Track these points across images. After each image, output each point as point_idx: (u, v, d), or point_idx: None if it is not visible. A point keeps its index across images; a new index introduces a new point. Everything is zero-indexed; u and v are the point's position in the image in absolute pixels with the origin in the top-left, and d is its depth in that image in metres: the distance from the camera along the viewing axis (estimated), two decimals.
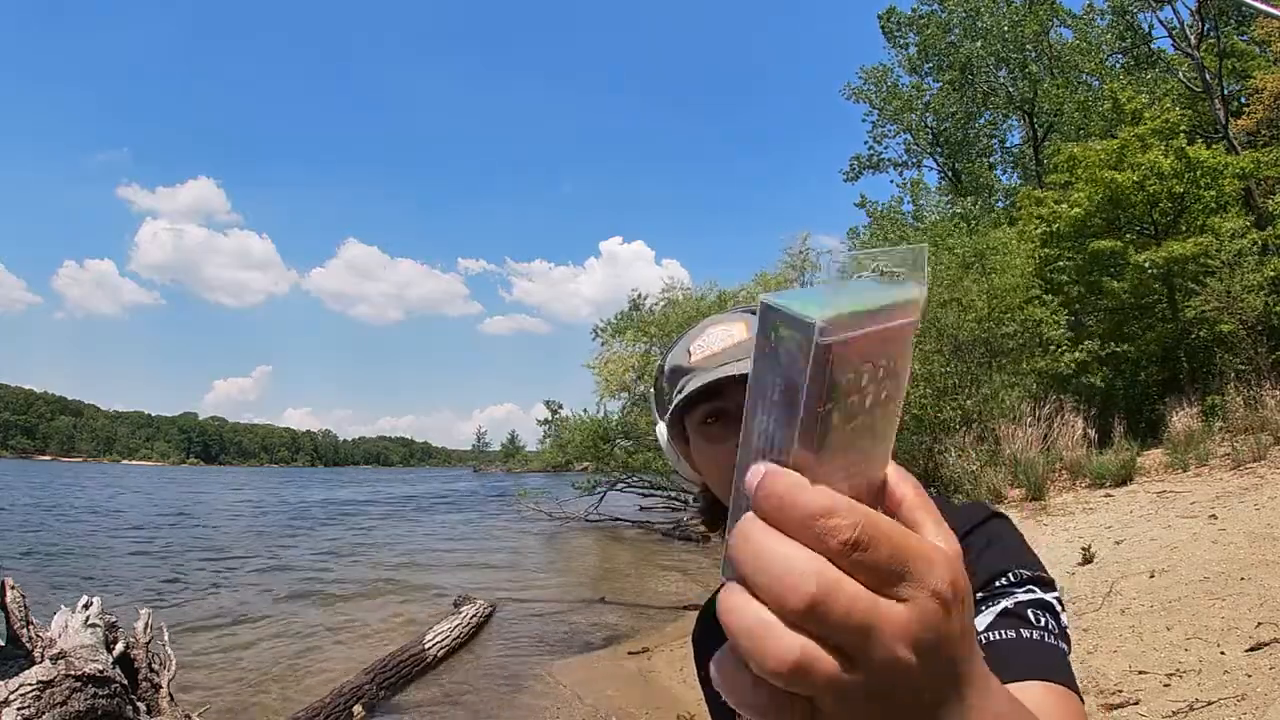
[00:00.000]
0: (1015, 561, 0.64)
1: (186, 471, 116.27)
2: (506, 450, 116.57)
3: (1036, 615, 0.60)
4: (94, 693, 3.16)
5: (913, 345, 0.27)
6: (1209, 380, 10.16)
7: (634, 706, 4.79)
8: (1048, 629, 0.59)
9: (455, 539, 15.71)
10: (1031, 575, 0.63)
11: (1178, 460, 7.51)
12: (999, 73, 17.67)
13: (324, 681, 5.31)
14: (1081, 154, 11.86)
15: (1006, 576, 0.62)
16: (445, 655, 5.99)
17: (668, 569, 10.95)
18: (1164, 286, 10.71)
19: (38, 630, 3.43)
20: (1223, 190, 11.03)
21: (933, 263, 10.88)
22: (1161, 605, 4.11)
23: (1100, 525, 6.12)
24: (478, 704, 5.02)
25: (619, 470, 17.81)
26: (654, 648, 6.04)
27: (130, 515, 20.06)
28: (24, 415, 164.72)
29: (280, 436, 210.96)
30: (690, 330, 0.81)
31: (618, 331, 19.24)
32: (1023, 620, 0.59)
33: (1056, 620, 0.61)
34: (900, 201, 19.00)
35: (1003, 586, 0.62)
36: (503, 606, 7.86)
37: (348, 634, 7.02)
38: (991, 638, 0.58)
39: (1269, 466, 6.53)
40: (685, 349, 0.78)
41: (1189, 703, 3.02)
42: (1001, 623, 0.59)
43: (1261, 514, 5.22)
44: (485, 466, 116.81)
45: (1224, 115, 13.09)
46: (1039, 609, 0.60)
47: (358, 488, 44.72)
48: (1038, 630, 0.59)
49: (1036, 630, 0.59)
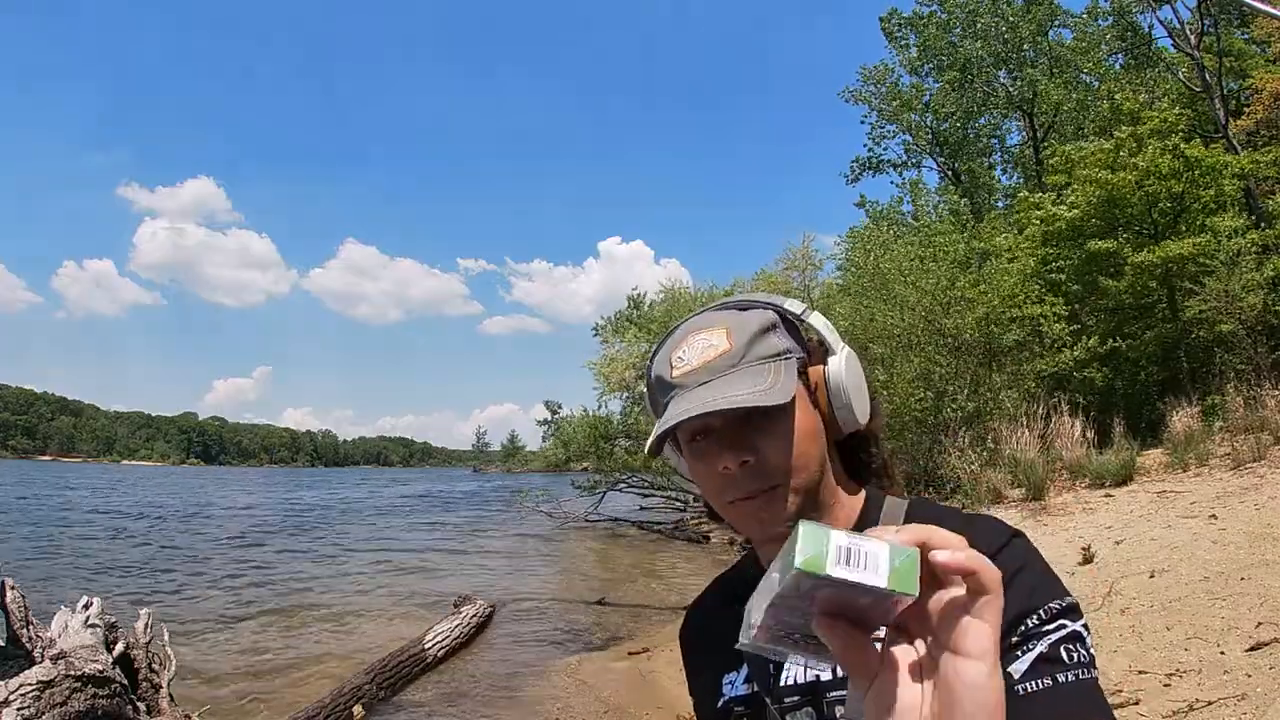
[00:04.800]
0: (1046, 596, 0.63)
1: (187, 471, 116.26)
2: (506, 450, 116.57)
3: (1069, 652, 0.61)
4: (94, 693, 3.16)
5: None
6: (1209, 380, 10.15)
7: (634, 706, 4.79)
8: (1081, 664, 0.60)
9: (455, 539, 15.70)
10: (1061, 609, 0.63)
11: (1178, 460, 7.50)
12: (998, 73, 17.67)
13: (324, 682, 5.31)
14: (1078, 155, 11.86)
15: (1038, 614, 0.62)
16: (445, 655, 5.99)
17: (668, 569, 10.94)
18: (1163, 286, 10.70)
19: (38, 630, 3.43)
20: (1222, 190, 11.02)
21: (932, 263, 10.90)
22: (1161, 605, 4.11)
23: (1100, 525, 6.12)
24: (478, 704, 5.02)
25: (619, 470, 17.83)
26: (654, 648, 6.04)
27: (131, 515, 20.06)
28: (24, 415, 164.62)
29: (280, 437, 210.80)
30: (674, 332, 0.78)
31: (618, 330, 19.26)
32: (1057, 664, 0.60)
33: (1086, 648, 0.62)
34: (900, 202, 19.01)
35: (1035, 627, 0.62)
36: (503, 607, 7.86)
37: (348, 634, 7.02)
38: (1030, 688, 0.59)
39: (1269, 466, 6.53)
40: (668, 359, 0.75)
41: (1189, 703, 3.02)
42: (1038, 670, 0.59)
43: (1261, 514, 5.21)
44: (485, 466, 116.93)
45: (1223, 115, 13.07)
46: (1071, 643, 0.61)
47: (358, 488, 44.71)
48: (1072, 671, 0.60)
49: (1071, 671, 0.60)
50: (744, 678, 0.77)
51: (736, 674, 0.78)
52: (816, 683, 0.71)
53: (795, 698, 0.72)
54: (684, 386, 0.72)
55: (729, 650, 0.81)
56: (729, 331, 0.73)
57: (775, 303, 0.77)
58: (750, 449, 0.69)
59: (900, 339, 10.56)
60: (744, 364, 0.71)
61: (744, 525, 0.73)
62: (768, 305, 0.77)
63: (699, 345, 0.73)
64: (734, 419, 0.69)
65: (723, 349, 0.72)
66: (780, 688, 0.73)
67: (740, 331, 0.73)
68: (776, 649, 0.48)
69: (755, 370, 0.70)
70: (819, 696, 0.71)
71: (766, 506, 0.70)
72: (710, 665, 0.82)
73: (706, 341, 0.73)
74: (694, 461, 0.73)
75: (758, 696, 0.75)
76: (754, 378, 0.69)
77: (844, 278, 15.15)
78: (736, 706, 0.77)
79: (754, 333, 0.73)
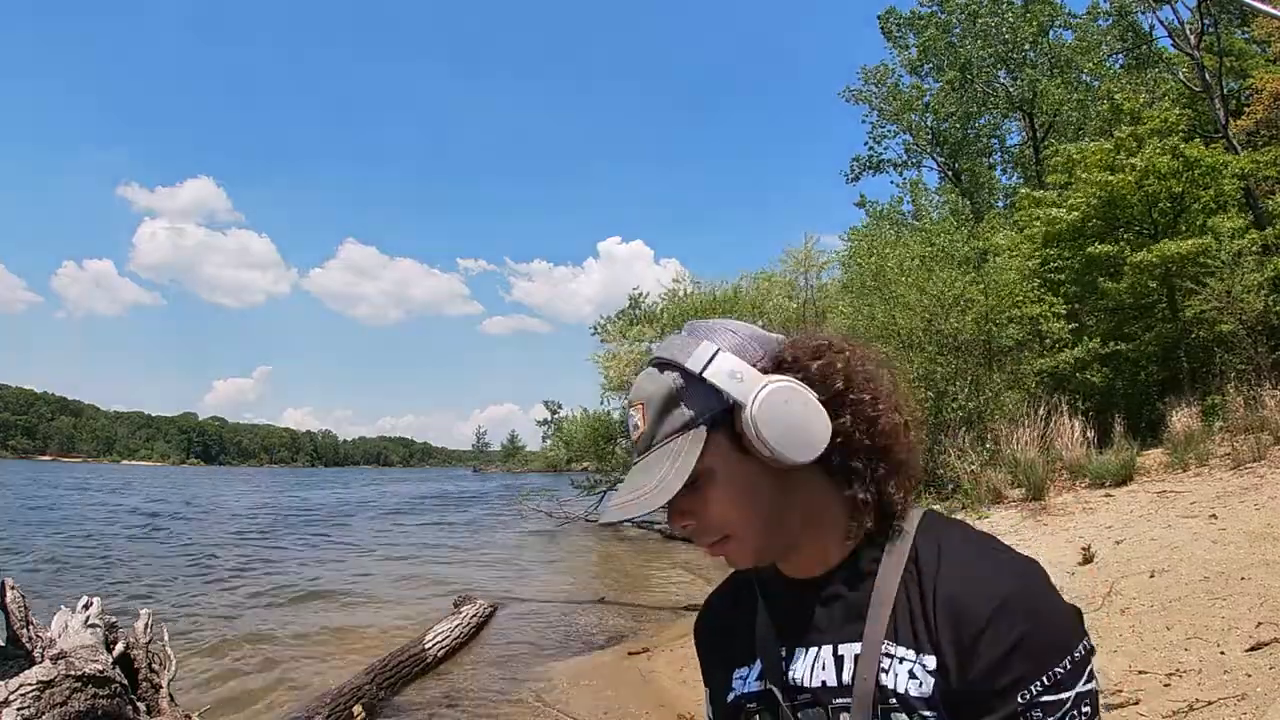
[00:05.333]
0: (1053, 658, 0.64)
1: (192, 471, 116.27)
2: (507, 450, 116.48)
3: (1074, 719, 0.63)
4: (94, 693, 3.16)
5: None
6: (1209, 380, 10.15)
7: (634, 706, 4.78)
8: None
9: (455, 539, 15.71)
10: (1067, 671, 0.64)
11: (1178, 460, 7.50)
12: (998, 73, 17.66)
13: (324, 682, 5.31)
14: (1079, 155, 11.85)
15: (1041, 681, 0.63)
16: (445, 655, 5.98)
17: (668, 569, 10.94)
18: (1163, 287, 10.70)
19: (38, 630, 3.43)
20: (1222, 190, 11.01)
21: (934, 263, 10.90)
22: (1161, 605, 4.11)
23: (1100, 525, 6.12)
24: (478, 704, 5.01)
25: (620, 469, 17.82)
26: (654, 648, 6.03)
27: (132, 514, 20.07)
28: (24, 415, 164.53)
29: (280, 437, 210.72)
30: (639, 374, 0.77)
31: (622, 333, 19.25)
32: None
33: (1093, 705, 0.64)
34: (900, 201, 19.01)
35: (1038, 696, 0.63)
36: (503, 607, 7.86)
37: (348, 634, 7.01)
38: None
39: (1269, 466, 6.53)
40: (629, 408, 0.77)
41: (1189, 703, 3.02)
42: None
43: (1261, 514, 5.21)
44: (485, 466, 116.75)
45: (1223, 115, 13.06)
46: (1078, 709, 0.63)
47: (357, 488, 44.72)
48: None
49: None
50: (756, 674, 0.79)
51: (749, 669, 0.80)
52: (823, 688, 0.72)
53: (807, 696, 0.73)
54: (629, 464, 0.76)
55: (740, 646, 0.82)
56: (643, 409, 0.73)
57: (678, 360, 0.71)
58: (688, 514, 0.72)
59: (902, 339, 10.56)
60: (655, 446, 0.72)
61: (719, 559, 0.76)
62: (672, 364, 0.72)
63: (631, 424, 0.75)
64: None
65: (640, 430, 0.73)
66: (790, 686, 0.74)
67: (650, 407, 0.72)
68: None
69: (660, 453, 0.71)
70: (825, 704, 0.72)
71: (728, 553, 0.74)
72: (723, 661, 0.83)
73: (634, 420, 0.74)
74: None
75: (769, 692, 0.76)
76: (655, 464, 0.70)
77: (844, 276, 15.16)
78: (749, 703, 0.78)
79: (658, 409, 0.71)
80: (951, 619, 0.66)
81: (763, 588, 0.81)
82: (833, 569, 0.75)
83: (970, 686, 0.64)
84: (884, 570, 0.72)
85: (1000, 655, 0.63)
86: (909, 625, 0.69)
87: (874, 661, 0.68)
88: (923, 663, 0.67)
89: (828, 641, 0.73)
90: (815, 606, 0.75)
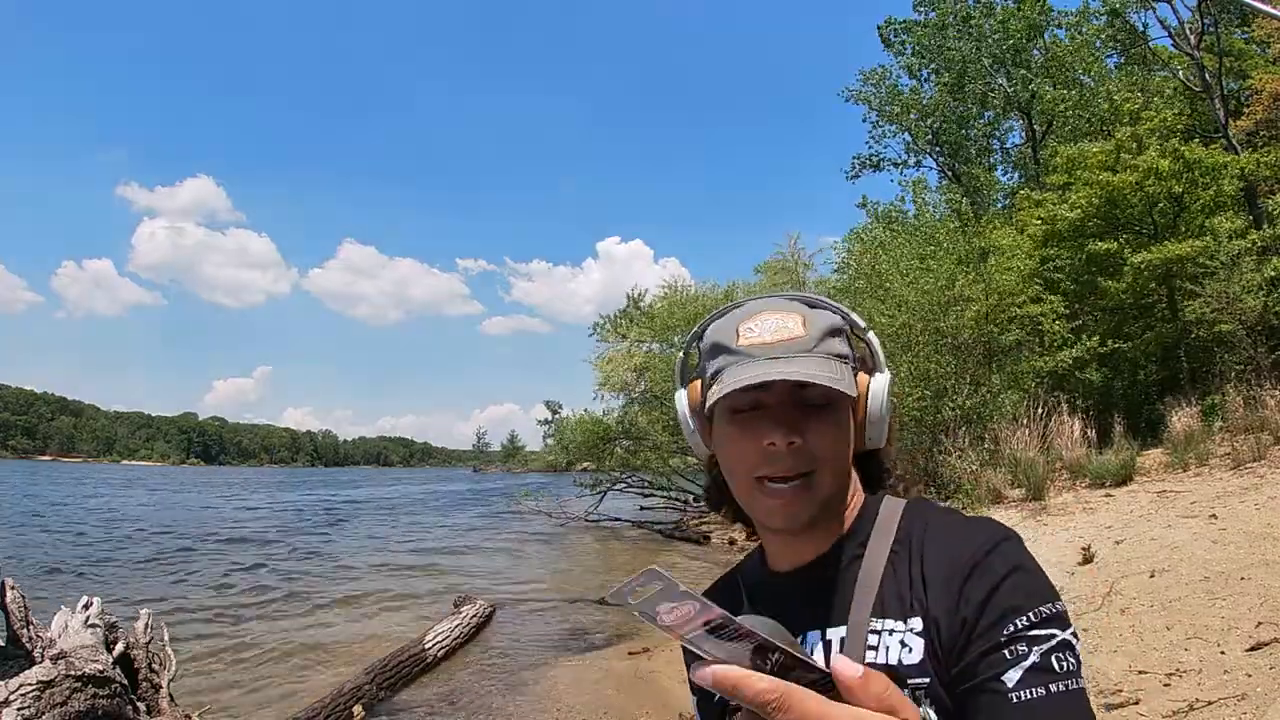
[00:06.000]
0: (1038, 599, 0.65)
1: (193, 471, 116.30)
2: (507, 450, 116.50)
3: (1060, 661, 0.62)
4: (94, 693, 3.16)
5: None
6: (1209, 380, 10.15)
7: (634, 706, 4.78)
8: (1070, 673, 0.62)
9: (455, 539, 15.69)
10: (1052, 613, 0.64)
11: (1178, 460, 7.50)
12: (995, 74, 17.65)
13: (324, 681, 5.31)
14: (1079, 155, 11.85)
15: (1028, 616, 0.64)
16: (445, 655, 5.98)
17: (668, 569, 10.90)
18: (1163, 287, 10.70)
19: (38, 630, 3.43)
20: (1222, 190, 11.01)
21: (932, 261, 10.88)
22: (1161, 605, 4.11)
23: (1100, 525, 6.12)
24: (477, 704, 5.01)
25: (619, 470, 17.81)
26: (654, 648, 6.03)
27: (133, 514, 20.06)
28: (24, 415, 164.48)
29: (280, 437, 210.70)
30: (737, 308, 0.80)
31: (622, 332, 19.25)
32: (1049, 674, 0.62)
33: (1075, 657, 0.64)
34: (901, 201, 19.00)
35: (1024, 629, 0.63)
36: (503, 607, 7.86)
37: (348, 634, 7.01)
38: (1024, 697, 0.61)
39: (1269, 466, 6.53)
40: (733, 327, 0.76)
41: (1189, 702, 3.02)
42: (1031, 680, 0.61)
43: (1261, 514, 5.21)
44: (485, 467, 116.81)
45: (1223, 115, 13.06)
46: (1061, 652, 0.63)
47: (357, 488, 44.71)
48: (1063, 680, 0.62)
49: (1062, 681, 0.62)
50: None
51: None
52: None
53: None
54: (750, 356, 0.73)
55: None
56: (804, 320, 0.76)
57: (844, 310, 0.81)
58: (800, 432, 0.71)
59: (898, 338, 10.55)
60: (815, 352, 0.73)
61: (766, 508, 0.74)
62: (836, 310, 0.80)
63: (771, 324, 0.75)
64: (789, 400, 0.72)
65: (796, 333, 0.74)
66: None
67: (814, 323, 0.75)
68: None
69: (825, 361, 0.73)
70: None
71: (799, 492, 0.72)
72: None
73: (780, 323, 0.75)
74: (735, 433, 0.75)
75: None
76: (825, 367, 0.72)
77: (841, 279, 15.15)
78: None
79: (825, 329, 0.76)
80: (942, 567, 0.69)
81: (749, 589, 0.82)
82: (823, 554, 0.77)
83: (960, 625, 0.65)
84: (870, 552, 0.74)
85: (992, 586, 0.65)
86: (895, 598, 0.70)
87: (860, 642, 0.69)
88: (911, 627, 0.68)
89: (816, 628, 0.74)
90: (802, 596, 0.76)
